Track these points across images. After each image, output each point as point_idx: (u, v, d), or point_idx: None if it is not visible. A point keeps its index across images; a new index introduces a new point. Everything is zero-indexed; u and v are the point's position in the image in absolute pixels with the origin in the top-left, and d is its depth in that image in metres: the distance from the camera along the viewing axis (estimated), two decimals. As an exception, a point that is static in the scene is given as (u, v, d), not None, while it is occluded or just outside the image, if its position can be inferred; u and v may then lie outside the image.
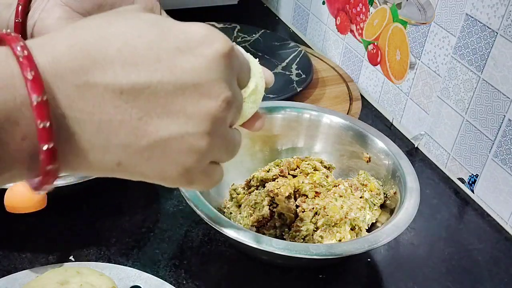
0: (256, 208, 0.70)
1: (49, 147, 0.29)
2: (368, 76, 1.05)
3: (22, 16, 0.47)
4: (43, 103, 0.29)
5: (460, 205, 0.85)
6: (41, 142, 0.29)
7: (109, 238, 0.71)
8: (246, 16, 1.32)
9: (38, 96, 0.29)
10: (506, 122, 0.77)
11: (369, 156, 0.77)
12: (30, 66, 0.29)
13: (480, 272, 0.74)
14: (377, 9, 1.00)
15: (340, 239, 0.67)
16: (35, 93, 0.29)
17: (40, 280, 0.58)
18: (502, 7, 0.74)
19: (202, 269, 0.69)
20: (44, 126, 0.29)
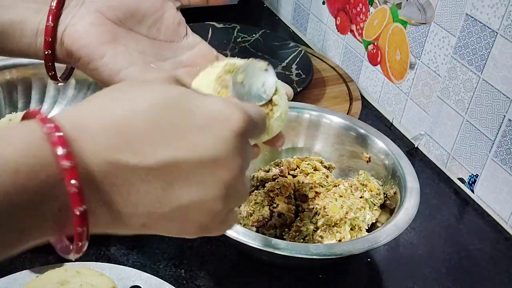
0: (256, 208, 0.70)
1: (81, 211, 0.32)
2: (368, 76, 1.05)
3: (54, 20, 0.47)
4: (79, 191, 0.31)
5: (460, 205, 0.85)
6: (74, 207, 0.32)
7: (109, 238, 0.71)
8: (246, 16, 1.32)
9: (75, 181, 0.31)
10: (506, 122, 0.77)
11: (369, 156, 0.77)
12: (64, 158, 0.31)
13: (480, 272, 0.74)
14: (377, 9, 1.00)
15: (340, 239, 0.67)
16: (72, 179, 0.31)
17: (40, 280, 0.58)
18: (502, 7, 0.74)
19: (202, 269, 0.69)
20: (79, 211, 0.32)
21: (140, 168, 0.34)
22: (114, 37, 0.48)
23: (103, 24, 0.48)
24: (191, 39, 0.52)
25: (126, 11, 0.49)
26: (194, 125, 0.36)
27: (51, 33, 0.47)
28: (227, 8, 1.34)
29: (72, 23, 0.48)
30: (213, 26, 1.14)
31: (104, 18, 0.48)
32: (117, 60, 0.47)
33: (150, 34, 0.50)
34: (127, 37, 0.49)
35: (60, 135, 0.31)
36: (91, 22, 0.48)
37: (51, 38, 0.47)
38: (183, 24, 0.52)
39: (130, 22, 0.49)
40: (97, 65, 0.47)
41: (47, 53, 0.48)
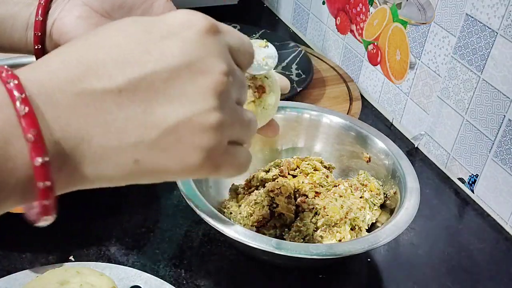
0: (256, 208, 0.70)
1: (43, 161, 0.30)
2: (368, 76, 1.05)
3: (43, 14, 0.47)
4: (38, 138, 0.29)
5: (460, 205, 0.85)
6: (34, 156, 0.30)
7: (109, 238, 0.71)
8: (246, 16, 1.32)
9: (33, 130, 0.29)
10: (506, 122, 0.77)
11: (369, 156, 0.77)
12: (20, 91, 0.29)
13: (480, 272, 0.74)
14: (377, 9, 1.00)
15: (340, 239, 0.67)
16: (31, 128, 0.29)
17: (40, 280, 0.58)
18: (502, 7, 0.74)
19: (202, 269, 0.69)
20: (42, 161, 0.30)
21: (110, 91, 0.31)
22: None
23: (90, 16, 0.48)
24: None
25: (113, 3, 0.49)
26: (157, 36, 0.33)
27: (40, 27, 0.48)
28: (227, 8, 1.34)
29: (60, 16, 0.48)
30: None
31: (91, 11, 0.48)
32: None
33: None
34: None
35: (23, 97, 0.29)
36: (78, 15, 0.48)
37: (41, 33, 0.48)
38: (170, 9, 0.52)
39: (117, 13, 0.49)
40: None
41: (37, 47, 0.48)
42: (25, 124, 0.29)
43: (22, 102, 0.29)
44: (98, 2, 0.48)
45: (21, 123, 0.29)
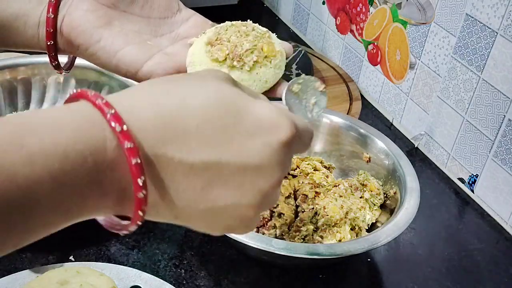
0: (256, 208, 0.70)
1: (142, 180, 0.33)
2: (368, 76, 1.05)
3: (54, 11, 0.48)
4: (138, 165, 0.33)
5: (460, 205, 0.85)
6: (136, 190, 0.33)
7: (109, 238, 0.71)
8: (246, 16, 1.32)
9: (134, 158, 0.32)
10: (506, 122, 0.77)
11: (369, 156, 0.77)
12: (124, 137, 0.32)
13: (480, 272, 0.74)
14: (377, 9, 1.00)
15: (340, 239, 0.67)
16: (131, 157, 0.32)
17: (40, 280, 0.58)
18: (502, 7, 0.74)
19: (202, 269, 0.69)
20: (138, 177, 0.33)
21: (184, 164, 0.34)
22: (109, 20, 0.49)
23: (97, 9, 0.49)
24: (184, 13, 0.53)
25: None
26: (243, 129, 0.36)
27: (51, 24, 0.49)
28: (227, 8, 1.34)
29: (69, 12, 0.49)
30: (213, 26, 1.14)
31: (98, 4, 0.49)
32: (113, 41, 0.48)
33: (143, 13, 0.51)
34: (121, 18, 0.50)
35: (116, 114, 0.32)
36: (86, 9, 0.49)
37: (52, 29, 0.49)
38: None
39: (122, 4, 0.50)
40: (95, 50, 0.48)
41: (49, 43, 0.49)
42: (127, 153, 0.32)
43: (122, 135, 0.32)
44: None
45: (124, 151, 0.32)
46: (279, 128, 0.36)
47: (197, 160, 0.34)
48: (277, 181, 0.37)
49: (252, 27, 0.49)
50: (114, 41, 0.49)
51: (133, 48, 0.49)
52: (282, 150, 0.37)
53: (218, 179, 0.35)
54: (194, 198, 0.36)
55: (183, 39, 0.52)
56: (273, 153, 0.36)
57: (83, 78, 0.85)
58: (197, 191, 0.35)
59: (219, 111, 0.35)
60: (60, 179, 0.30)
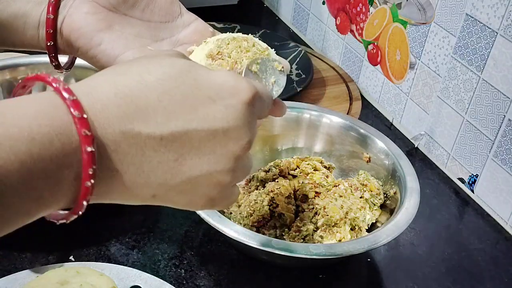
0: (256, 208, 0.70)
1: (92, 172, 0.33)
2: (368, 76, 1.05)
3: (54, 12, 0.48)
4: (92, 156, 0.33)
5: (460, 205, 0.85)
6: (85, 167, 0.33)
7: (109, 238, 0.71)
8: (246, 16, 1.32)
9: (89, 146, 0.32)
10: (506, 122, 0.77)
11: (369, 156, 0.77)
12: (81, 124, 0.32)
13: (480, 272, 0.74)
14: (377, 9, 1.00)
15: (340, 239, 0.67)
16: (86, 144, 0.32)
17: (40, 280, 0.58)
18: (502, 7, 0.74)
19: (202, 269, 0.69)
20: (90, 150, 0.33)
21: (153, 138, 0.34)
22: (110, 24, 0.49)
23: (98, 12, 0.49)
24: (186, 17, 0.52)
25: None
26: (204, 96, 0.36)
27: (51, 24, 0.48)
28: (227, 8, 1.34)
29: (69, 13, 0.49)
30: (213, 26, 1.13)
31: (99, 6, 0.49)
32: (113, 45, 0.48)
33: (144, 17, 0.51)
34: (122, 22, 0.50)
35: (75, 100, 0.32)
36: (86, 11, 0.49)
37: (52, 30, 0.49)
38: (176, 3, 0.52)
39: (123, 7, 0.50)
40: (95, 53, 0.48)
41: (49, 44, 0.49)
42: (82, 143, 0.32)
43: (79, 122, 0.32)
44: None
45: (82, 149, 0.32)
46: (240, 90, 0.37)
47: (165, 132, 0.35)
48: (247, 143, 0.38)
49: (253, 43, 0.49)
50: (114, 45, 0.48)
51: (133, 53, 0.48)
52: (246, 110, 0.37)
53: (190, 148, 0.36)
54: (169, 171, 0.36)
55: (183, 44, 0.51)
56: (238, 114, 0.37)
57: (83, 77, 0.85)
58: (171, 164, 0.36)
59: (176, 81, 0.36)
60: (28, 162, 0.30)
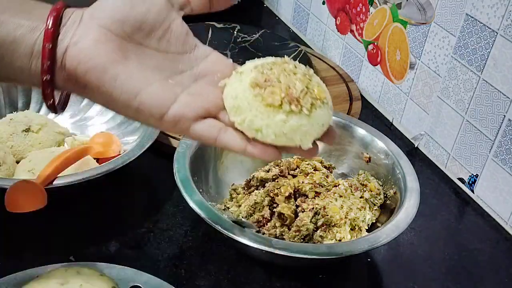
0: (256, 208, 0.70)
1: None
2: (368, 76, 1.05)
3: (52, 40, 0.41)
4: None
5: (460, 205, 0.85)
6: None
7: (109, 238, 0.71)
8: (246, 16, 1.32)
9: None
10: (506, 122, 0.77)
11: (369, 156, 0.77)
12: None
13: (480, 272, 0.74)
14: (377, 9, 1.00)
15: (340, 239, 0.67)
16: None
17: (40, 280, 0.58)
18: (502, 7, 0.74)
19: (202, 269, 0.69)
20: None
21: None
22: (125, 54, 0.43)
23: (110, 40, 0.42)
24: (202, 49, 0.47)
25: (133, 23, 0.43)
26: None
27: (49, 55, 0.41)
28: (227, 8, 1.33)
29: (73, 42, 0.42)
30: (213, 26, 1.14)
31: (111, 34, 0.42)
32: (133, 80, 0.42)
33: (161, 47, 0.45)
34: (138, 52, 0.44)
35: None
36: (96, 39, 0.42)
37: (50, 62, 0.41)
38: (191, 34, 0.47)
39: (138, 35, 0.44)
40: (110, 89, 0.42)
41: (45, 79, 0.42)
42: None
43: None
44: (116, 23, 0.43)
45: None
46: None
47: None
48: None
49: (293, 64, 0.45)
50: (133, 79, 0.42)
51: (156, 88, 0.43)
52: None
53: None
54: None
55: (206, 76, 0.46)
56: None
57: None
58: None
59: None
60: None
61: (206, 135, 0.44)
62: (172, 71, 0.45)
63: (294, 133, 0.42)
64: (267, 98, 0.42)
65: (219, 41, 1.12)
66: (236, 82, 0.44)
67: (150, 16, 0.44)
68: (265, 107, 0.42)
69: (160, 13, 0.44)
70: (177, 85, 0.44)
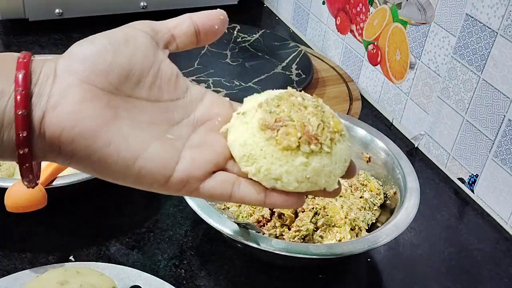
0: (256, 208, 0.70)
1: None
2: (368, 76, 1.05)
3: (26, 105, 0.34)
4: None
5: (460, 205, 0.85)
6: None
7: (109, 238, 0.71)
8: (246, 16, 1.32)
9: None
10: (506, 122, 0.77)
11: (369, 156, 0.77)
12: None
13: (480, 272, 0.74)
14: (377, 9, 1.00)
15: (340, 239, 0.67)
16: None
17: (40, 280, 0.58)
18: (502, 7, 0.74)
19: (202, 269, 0.69)
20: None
21: None
22: (115, 112, 0.36)
23: (96, 97, 0.35)
24: (194, 91, 0.41)
25: (120, 72, 0.36)
26: None
27: (25, 124, 0.34)
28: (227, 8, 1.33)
29: (51, 106, 0.34)
30: (213, 26, 1.14)
31: (96, 89, 0.35)
32: (129, 143, 0.36)
33: (152, 96, 0.38)
34: (129, 107, 0.37)
35: None
36: (80, 99, 0.35)
37: (27, 132, 0.34)
38: (181, 75, 0.40)
39: (127, 86, 0.37)
40: (103, 158, 0.36)
41: (22, 152, 0.35)
42: None
43: None
44: (101, 75, 0.36)
45: None
46: None
47: None
48: None
49: (301, 96, 0.40)
50: (130, 141, 0.36)
51: (156, 148, 0.37)
52: None
53: None
54: None
55: (205, 122, 0.40)
56: None
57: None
58: None
59: None
60: None
61: (219, 193, 0.39)
62: (169, 123, 0.39)
63: (317, 176, 0.38)
64: (282, 141, 0.37)
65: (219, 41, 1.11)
66: (240, 126, 0.39)
67: (137, 60, 0.37)
68: (282, 151, 0.37)
69: (146, 55, 0.38)
70: (176, 140, 0.38)
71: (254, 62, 1.08)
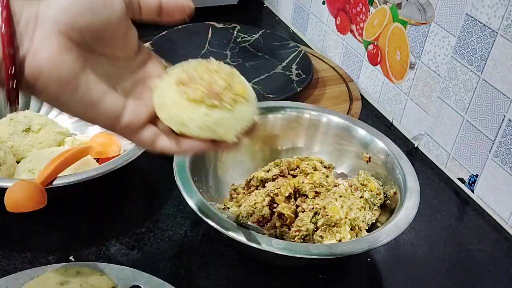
0: (256, 208, 0.70)
1: None
2: (368, 76, 1.05)
3: (10, 45, 0.38)
4: None
5: (460, 205, 0.85)
6: None
7: (109, 238, 0.71)
8: (246, 16, 1.32)
9: None
10: (506, 122, 0.77)
11: (369, 156, 0.77)
12: None
13: (480, 272, 0.74)
14: (377, 9, 1.00)
15: (340, 239, 0.67)
16: None
17: (40, 280, 0.58)
18: (502, 7, 0.74)
19: (202, 269, 0.69)
20: None
21: None
22: (83, 65, 0.42)
23: (71, 49, 0.41)
24: (143, 54, 0.47)
25: (94, 33, 0.42)
26: None
27: (12, 61, 0.39)
28: (227, 8, 1.34)
29: (33, 50, 0.39)
30: (213, 26, 1.14)
31: (71, 43, 0.41)
32: (91, 92, 0.42)
33: (114, 54, 0.45)
34: (93, 61, 0.43)
35: None
36: (58, 49, 0.40)
37: (14, 67, 0.39)
38: (137, 37, 0.46)
39: (96, 44, 0.43)
40: (69, 100, 0.42)
41: (10, 86, 0.40)
42: None
43: None
44: (77, 31, 0.41)
45: None
46: None
47: None
48: None
49: (217, 63, 0.47)
50: (92, 91, 0.42)
51: (110, 99, 0.44)
52: None
53: None
54: None
55: (144, 81, 0.47)
56: None
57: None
58: None
59: None
60: None
61: (146, 143, 0.47)
62: (120, 77, 0.46)
63: (217, 126, 0.45)
64: (190, 94, 0.44)
65: (219, 41, 1.12)
66: (163, 82, 0.47)
67: (111, 25, 0.42)
68: (188, 102, 0.44)
69: (119, 21, 0.43)
70: (124, 92, 0.45)
71: (254, 62, 1.08)
